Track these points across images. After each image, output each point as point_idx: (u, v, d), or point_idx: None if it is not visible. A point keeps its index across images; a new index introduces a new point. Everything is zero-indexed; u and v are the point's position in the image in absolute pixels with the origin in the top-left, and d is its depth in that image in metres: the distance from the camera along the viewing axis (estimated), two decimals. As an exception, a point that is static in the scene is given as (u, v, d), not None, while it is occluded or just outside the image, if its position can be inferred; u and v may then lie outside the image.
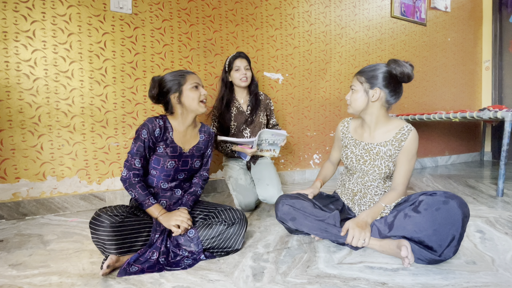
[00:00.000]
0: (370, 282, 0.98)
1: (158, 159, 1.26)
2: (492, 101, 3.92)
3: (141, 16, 1.99)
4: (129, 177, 1.21)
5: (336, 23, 2.80)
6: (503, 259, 1.13)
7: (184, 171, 1.33)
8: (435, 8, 3.44)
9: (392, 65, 1.20)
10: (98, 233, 1.04)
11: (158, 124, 1.25)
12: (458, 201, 1.03)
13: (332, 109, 2.83)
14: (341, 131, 1.44)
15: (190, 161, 1.34)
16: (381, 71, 1.22)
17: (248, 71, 1.86)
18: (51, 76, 1.77)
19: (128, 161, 1.22)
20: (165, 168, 1.27)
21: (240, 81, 1.84)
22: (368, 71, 1.25)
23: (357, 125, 1.40)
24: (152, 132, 1.23)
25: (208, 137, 1.42)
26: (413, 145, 1.22)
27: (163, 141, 1.27)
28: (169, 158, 1.27)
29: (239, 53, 1.86)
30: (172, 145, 1.28)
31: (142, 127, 1.23)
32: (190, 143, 1.35)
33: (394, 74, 1.20)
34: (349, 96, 1.29)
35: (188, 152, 1.33)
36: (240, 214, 1.28)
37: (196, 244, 1.17)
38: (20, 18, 1.68)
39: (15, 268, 1.11)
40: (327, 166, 1.56)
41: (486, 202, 1.91)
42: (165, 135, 1.27)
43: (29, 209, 1.74)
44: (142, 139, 1.22)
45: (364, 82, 1.24)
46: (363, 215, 1.20)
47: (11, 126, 1.69)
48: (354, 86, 1.27)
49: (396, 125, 1.27)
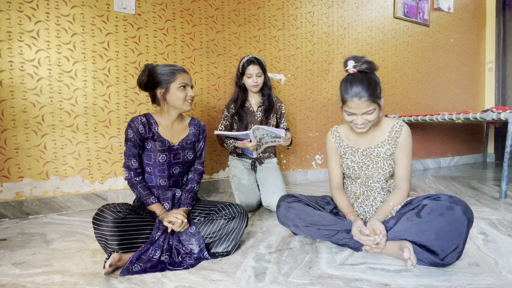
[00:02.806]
0: (372, 283, 0.98)
1: (149, 155, 1.28)
2: (495, 102, 3.90)
3: (144, 17, 2.00)
4: (130, 177, 1.25)
5: (339, 24, 2.79)
6: (506, 261, 1.12)
7: (177, 164, 1.33)
8: (438, 9, 3.43)
9: (372, 68, 1.15)
10: (101, 228, 1.05)
11: (141, 121, 1.27)
12: (462, 206, 1.02)
13: (334, 110, 2.83)
14: (334, 141, 1.36)
15: (182, 153, 1.35)
16: (378, 81, 1.16)
17: (260, 77, 1.87)
18: (54, 76, 1.77)
19: (126, 162, 1.26)
20: (157, 162, 1.28)
21: (251, 88, 1.88)
22: (374, 90, 1.14)
23: (347, 131, 1.35)
24: (136, 131, 1.25)
25: (199, 129, 1.42)
26: (408, 139, 1.23)
27: (150, 137, 1.29)
28: (159, 152, 1.28)
29: (253, 59, 1.85)
30: (159, 139, 1.29)
31: (127, 128, 1.26)
32: (178, 137, 1.36)
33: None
34: (370, 117, 1.16)
35: (177, 144, 1.33)
36: (240, 208, 1.28)
37: (197, 239, 1.18)
38: (24, 18, 1.69)
39: (18, 266, 1.12)
40: (340, 193, 1.33)
41: (489, 204, 1.90)
42: (151, 131, 1.29)
43: (32, 208, 1.75)
44: (129, 139, 1.25)
45: (376, 99, 1.15)
46: (379, 218, 1.16)
47: (15, 126, 1.70)
48: (372, 110, 1.15)
49: (387, 124, 1.26)
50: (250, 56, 1.88)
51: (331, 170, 1.39)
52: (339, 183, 1.38)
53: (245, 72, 1.86)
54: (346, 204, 1.28)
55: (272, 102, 1.96)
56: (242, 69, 1.87)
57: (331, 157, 1.38)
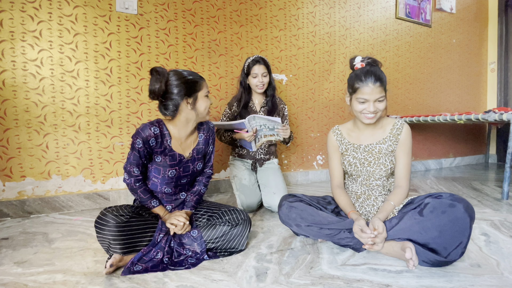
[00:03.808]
0: (374, 284, 0.98)
1: (158, 168, 1.22)
2: (497, 103, 3.89)
3: (146, 17, 2.00)
4: (130, 182, 1.20)
5: (341, 24, 2.79)
6: (508, 262, 1.12)
7: (186, 176, 1.31)
8: (440, 9, 3.42)
9: (377, 63, 1.26)
10: (103, 232, 1.05)
11: (154, 132, 1.16)
12: (464, 204, 1.02)
13: (335, 110, 2.83)
14: (335, 139, 1.37)
15: (192, 166, 1.30)
16: (381, 68, 1.24)
17: (266, 77, 1.87)
18: (57, 75, 1.78)
19: (127, 167, 1.19)
20: (166, 177, 1.24)
21: (256, 88, 1.88)
22: (384, 78, 1.19)
23: (349, 129, 1.36)
24: (146, 142, 1.16)
25: (208, 133, 1.35)
26: (408, 138, 1.25)
27: (161, 151, 1.21)
28: (169, 167, 1.22)
29: (258, 59, 1.84)
30: (170, 154, 1.22)
31: (136, 136, 1.15)
32: (190, 147, 1.30)
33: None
34: (380, 106, 1.19)
35: (188, 157, 1.28)
36: (244, 215, 1.27)
37: (199, 244, 1.18)
38: (27, 18, 1.70)
39: (20, 265, 1.12)
40: (341, 193, 1.33)
41: (491, 205, 1.89)
42: (163, 144, 1.20)
43: (34, 207, 1.75)
44: (137, 149, 1.16)
45: (385, 87, 1.20)
46: (380, 217, 1.16)
47: (17, 125, 1.71)
48: (383, 98, 1.18)
49: (388, 122, 1.30)
50: (255, 56, 1.87)
51: (332, 169, 1.40)
52: (340, 182, 1.38)
53: (250, 72, 1.85)
54: (348, 203, 1.29)
55: (275, 103, 1.96)
56: (247, 68, 1.86)
57: (332, 155, 1.39)
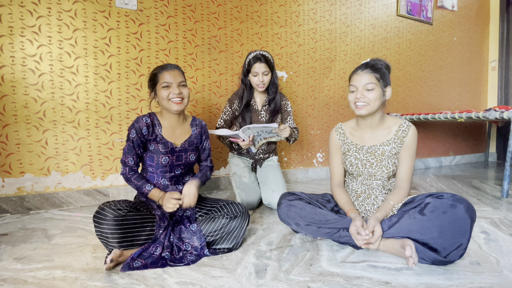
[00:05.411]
0: (373, 281, 0.98)
1: (151, 156, 1.29)
2: (498, 101, 3.88)
3: (146, 13, 1.99)
4: (125, 172, 1.27)
5: (342, 21, 2.78)
6: (508, 260, 1.12)
7: (179, 166, 1.34)
8: (442, 7, 3.40)
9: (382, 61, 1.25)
10: (101, 226, 1.05)
11: (145, 122, 1.26)
12: (465, 205, 1.02)
13: (336, 107, 2.82)
14: (338, 139, 1.36)
15: (184, 155, 1.35)
16: (385, 65, 1.23)
17: (267, 76, 1.75)
18: (56, 71, 1.77)
19: (123, 159, 1.27)
20: (160, 164, 1.29)
21: (257, 87, 1.77)
22: (380, 67, 1.19)
23: (352, 128, 1.35)
24: (139, 131, 1.25)
25: (200, 130, 1.42)
26: (414, 141, 1.23)
27: (153, 139, 1.29)
28: (162, 154, 1.29)
29: (260, 56, 1.71)
30: (162, 141, 1.29)
31: (131, 127, 1.26)
32: (181, 138, 1.35)
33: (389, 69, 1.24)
34: (369, 95, 1.17)
35: (180, 146, 1.33)
36: (242, 208, 1.28)
37: (198, 237, 1.18)
38: (26, 13, 1.69)
39: (19, 261, 1.12)
40: (341, 191, 1.32)
41: (490, 203, 1.89)
42: (154, 133, 1.29)
43: (34, 203, 1.75)
44: (131, 139, 1.25)
45: (380, 80, 1.18)
46: (379, 216, 1.16)
47: (16, 121, 1.70)
48: (371, 84, 1.17)
49: (393, 122, 1.26)
50: (257, 52, 1.73)
51: (332, 167, 1.39)
52: (340, 181, 1.37)
53: (251, 70, 1.73)
54: (347, 201, 1.28)
55: (277, 103, 1.85)
56: (248, 66, 1.74)
57: (333, 154, 1.38)
